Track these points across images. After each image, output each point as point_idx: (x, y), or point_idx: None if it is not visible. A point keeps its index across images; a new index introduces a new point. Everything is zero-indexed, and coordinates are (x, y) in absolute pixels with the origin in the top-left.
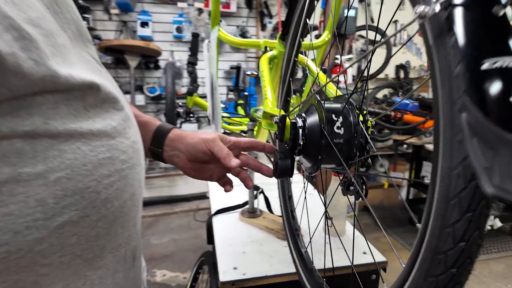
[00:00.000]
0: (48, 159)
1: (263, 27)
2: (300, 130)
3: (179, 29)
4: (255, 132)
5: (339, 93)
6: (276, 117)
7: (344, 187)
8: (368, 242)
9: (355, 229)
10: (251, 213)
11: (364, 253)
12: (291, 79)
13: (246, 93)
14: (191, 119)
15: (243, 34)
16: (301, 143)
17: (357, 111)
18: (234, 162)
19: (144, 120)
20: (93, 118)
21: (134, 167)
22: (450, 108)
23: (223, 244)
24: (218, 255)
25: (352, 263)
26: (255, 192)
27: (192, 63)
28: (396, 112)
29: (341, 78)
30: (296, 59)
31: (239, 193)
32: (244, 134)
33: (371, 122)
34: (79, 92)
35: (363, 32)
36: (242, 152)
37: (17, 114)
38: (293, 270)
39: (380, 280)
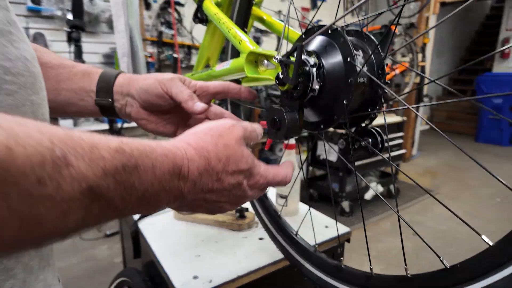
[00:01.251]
0: None
1: (147, 6)
2: (314, 70)
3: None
4: None
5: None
6: (278, 56)
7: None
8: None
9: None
10: None
11: (327, 226)
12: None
13: (175, 55)
14: None
15: None
16: (317, 87)
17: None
18: (199, 106)
19: (82, 70)
20: None
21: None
22: None
23: (165, 252)
24: (165, 267)
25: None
26: None
27: (76, 27)
28: None
29: None
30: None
31: None
32: None
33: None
34: None
35: None
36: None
37: None
38: (269, 261)
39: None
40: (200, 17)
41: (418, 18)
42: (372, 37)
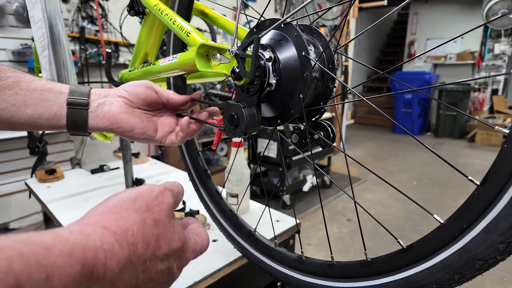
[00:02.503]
0: None
1: None
2: (270, 64)
3: None
4: None
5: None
6: (233, 49)
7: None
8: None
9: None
10: None
11: (278, 221)
12: None
13: (109, 50)
14: None
15: None
16: (273, 81)
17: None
18: (183, 96)
19: (40, 86)
20: None
21: None
22: None
23: None
24: None
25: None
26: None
27: None
28: None
29: None
30: None
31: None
32: None
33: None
34: None
35: None
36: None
37: None
38: (225, 263)
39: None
40: (137, 9)
41: (340, 20)
42: (321, 32)
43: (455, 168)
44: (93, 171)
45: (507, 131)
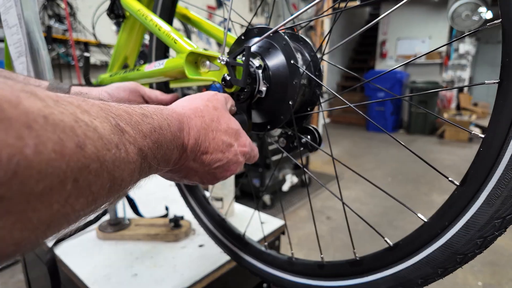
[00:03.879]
0: None
1: None
2: (260, 72)
3: None
4: None
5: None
6: (223, 57)
7: (293, 141)
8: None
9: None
10: (115, 225)
11: (263, 223)
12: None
13: (87, 54)
14: None
15: None
16: (264, 89)
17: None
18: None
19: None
20: None
21: None
22: None
23: (96, 277)
24: None
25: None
26: None
27: None
28: None
29: None
30: None
31: None
32: None
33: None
34: None
35: None
36: None
37: None
38: (213, 267)
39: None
40: (117, 12)
41: (315, 21)
42: (308, 40)
43: (436, 169)
44: None
45: (483, 135)
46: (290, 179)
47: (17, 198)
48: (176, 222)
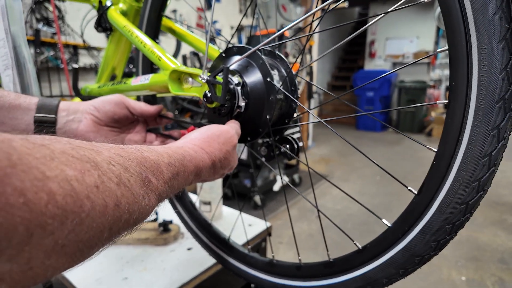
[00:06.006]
0: None
1: None
2: (239, 89)
3: None
4: None
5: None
6: (204, 75)
7: (274, 150)
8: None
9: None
10: None
11: (250, 225)
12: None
13: (76, 66)
14: None
15: None
16: (243, 104)
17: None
18: (156, 106)
19: (8, 104)
20: None
21: None
22: None
23: (87, 282)
24: None
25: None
26: None
27: None
28: None
29: None
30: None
31: None
32: None
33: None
34: None
35: None
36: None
37: None
38: (200, 270)
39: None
40: (104, 26)
41: (304, 22)
42: (284, 58)
43: (397, 179)
44: None
45: (436, 150)
46: (281, 179)
47: (71, 245)
48: (165, 226)
